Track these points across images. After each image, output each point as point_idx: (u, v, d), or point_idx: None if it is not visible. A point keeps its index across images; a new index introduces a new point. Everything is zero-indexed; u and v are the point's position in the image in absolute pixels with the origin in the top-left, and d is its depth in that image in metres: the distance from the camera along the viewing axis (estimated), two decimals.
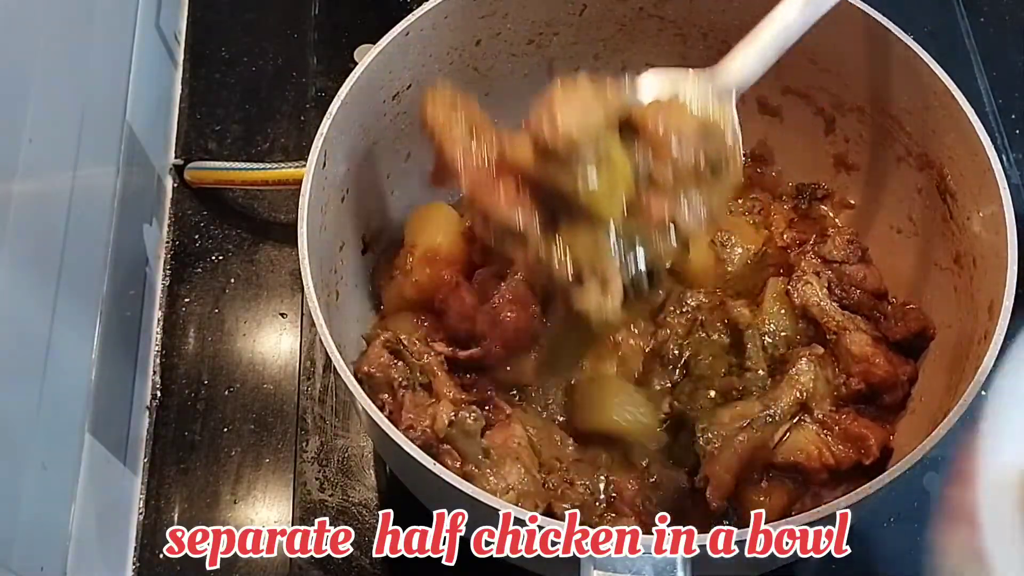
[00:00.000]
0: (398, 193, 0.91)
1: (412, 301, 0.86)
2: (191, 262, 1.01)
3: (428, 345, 0.82)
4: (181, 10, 1.15)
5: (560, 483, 0.78)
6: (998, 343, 0.67)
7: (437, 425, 0.74)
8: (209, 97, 1.11)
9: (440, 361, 0.81)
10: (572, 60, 0.93)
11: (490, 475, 0.74)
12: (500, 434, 0.78)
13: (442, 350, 0.82)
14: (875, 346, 0.81)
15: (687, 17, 0.90)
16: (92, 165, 0.86)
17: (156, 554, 0.87)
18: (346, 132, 0.79)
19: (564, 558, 0.62)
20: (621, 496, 0.78)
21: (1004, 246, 0.71)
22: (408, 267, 0.85)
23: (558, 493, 0.77)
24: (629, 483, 0.79)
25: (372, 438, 0.87)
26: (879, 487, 0.63)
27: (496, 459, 0.75)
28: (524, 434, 0.79)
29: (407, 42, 0.82)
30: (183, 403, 0.94)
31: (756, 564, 0.72)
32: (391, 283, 0.87)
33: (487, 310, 0.81)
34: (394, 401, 0.78)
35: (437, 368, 0.80)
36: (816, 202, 0.93)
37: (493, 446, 0.76)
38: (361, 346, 0.83)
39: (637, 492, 0.79)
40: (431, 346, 0.82)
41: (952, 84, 0.77)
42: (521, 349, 0.82)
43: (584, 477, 0.79)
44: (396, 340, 0.81)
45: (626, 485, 0.79)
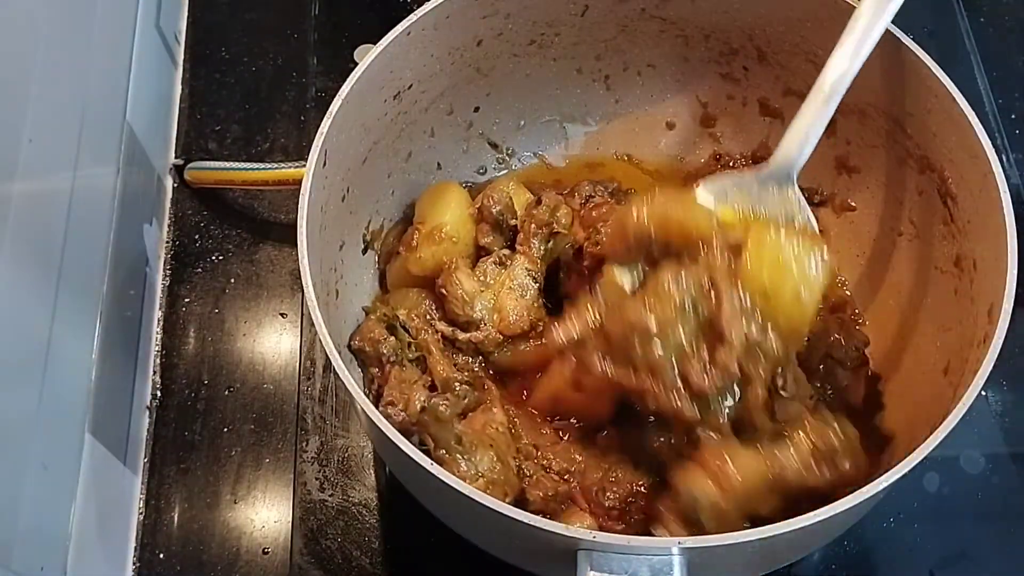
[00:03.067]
0: (398, 193, 0.91)
1: (415, 278, 0.87)
2: (191, 262, 1.01)
3: (428, 323, 0.83)
4: (181, 10, 1.15)
5: (536, 469, 0.78)
6: (998, 346, 0.67)
7: (410, 410, 0.75)
8: (209, 97, 1.10)
9: (436, 339, 0.82)
10: (574, 61, 0.93)
11: (461, 462, 0.74)
12: (480, 418, 0.79)
13: (443, 329, 0.83)
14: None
15: (689, 18, 0.90)
16: (92, 165, 0.86)
17: (156, 554, 0.87)
18: (346, 132, 0.79)
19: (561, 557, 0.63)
20: (581, 485, 0.79)
21: (1004, 249, 0.71)
22: (414, 243, 0.86)
23: (533, 480, 0.78)
24: (594, 474, 0.79)
25: (372, 439, 0.87)
26: (879, 488, 0.63)
27: (468, 446, 0.75)
28: (504, 419, 0.79)
29: (408, 42, 0.82)
30: (183, 403, 0.94)
31: (754, 564, 0.72)
32: (395, 259, 0.88)
33: (487, 297, 0.82)
34: (382, 375, 0.79)
35: (432, 345, 0.81)
36: (813, 207, 0.93)
37: (467, 432, 0.76)
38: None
39: (597, 483, 0.78)
40: (432, 324, 0.83)
41: (953, 86, 0.77)
42: (519, 336, 0.83)
43: (562, 461, 0.79)
44: (392, 315, 0.82)
45: (590, 475, 0.79)
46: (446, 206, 0.88)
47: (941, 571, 0.85)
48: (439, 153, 0.93)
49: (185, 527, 0.88)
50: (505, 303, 0.82)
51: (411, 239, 0.87)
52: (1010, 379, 0.93)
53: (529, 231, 0.87)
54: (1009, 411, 0.92)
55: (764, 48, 0.89)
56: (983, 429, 0.91)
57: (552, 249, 0.86)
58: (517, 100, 0.95)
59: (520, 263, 0.85)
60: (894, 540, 0.86)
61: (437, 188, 0.90)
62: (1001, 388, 0.92)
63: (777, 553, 0.72)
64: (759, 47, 0.90)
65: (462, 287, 0.82)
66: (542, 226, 0.87)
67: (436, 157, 0.93)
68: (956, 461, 0.88)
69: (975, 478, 0.88)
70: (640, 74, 0.96)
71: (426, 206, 0.89)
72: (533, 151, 0.99)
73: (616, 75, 0.96)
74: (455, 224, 0.87)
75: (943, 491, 0.87)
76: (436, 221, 0.87)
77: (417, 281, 0.87)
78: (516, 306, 0.82)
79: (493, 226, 0.87)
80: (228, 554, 0.87)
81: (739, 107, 0.96)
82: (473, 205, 0.89)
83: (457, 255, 0.86)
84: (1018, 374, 0.93)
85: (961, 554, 0.86)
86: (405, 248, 0.87)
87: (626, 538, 0.62)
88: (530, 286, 0.83)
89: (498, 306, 0.82)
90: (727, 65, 0.93)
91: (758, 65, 0.91)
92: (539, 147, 0.99)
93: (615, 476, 0.77)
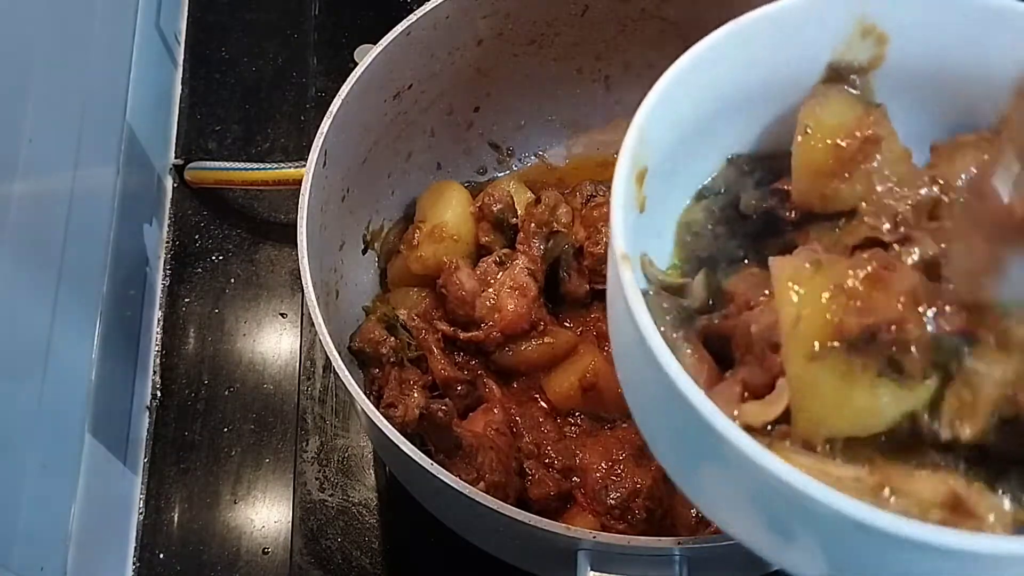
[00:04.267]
0: (398, 193, 0.91)
1: (416, 276, 0.87)
2: (191, 262, 1.01)
3: (429, 322, 0.83)
4: (181, 10, 1.15)
5: (538, 468, 0.78)
6: None
7: (408, 417, 0.75)
8: (209, 97, 1.11)
9: (437, 339, 0.82)
10: (574, 61, 0.93)
11: (461, 464, 0.74)
12: (480, 418, 0.79)
13: (443, 328, 0.83)
14: None
15: (689, 18, 0.90)
16: (92, 165, 0.86)
17: (156, 554, 0.87)
18: (346, 132, 0.79)
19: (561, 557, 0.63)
20: (583, 482, 0.78)
21: None
22: (415, 242, 0.86)
23: (535, 479, 0.78)
24: (595, 473, 0.79)
25: (372, 439, 0.87)
26: None
27: (468, 448, 0.75)
28: (505, 418, 0.79)
29: (408, 42, 0.82)
30: (183, 403, 0.94)
31: (755, 564, 0.72)
32: (396, 257, 0.88)
33: (487, 296, 0.82)
34: (383, 376, 0.79)
35: (433, 345, 0.81)
36: None
37: (466, 435, 0.76)
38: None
39: (600, 481, 0.78)
40: (432, 324, 0.83)
41: None
42: (520, 335, 0.83)
43: (565, 459, 0.79)
44: (392, 315, 0.82)
45: (591, 474, 0.79)
46: (447, 204, 0.88)
47: None
48: (439, 153, 0.93)
49: (185, 527, 0.88)
50: (506, 302, 0.82)
51: (412, 237, 0.87)
52: None
53: (529, 230, 0.87)
54: None
55: None
56: None
57: (552, 248, 0.87)
58: (517, 100, 0.95)
59: (521, 262, 0.85)
60: None
61: (438, 187, 0.90)
62: None
63: None
64: None
65: (463, 287, 0.82)
66: (542, 225, 0.87)
67: (436, 157, 0.93)
68: None
69: None
70: (640, 74, 0.95)
71: (427, 205, 0.89)
72: (533, 151, 0.99)
73: (616, 75, 0.95)
74: (456, 223, 0.87)
75: None
76: (437, 219, 0.87)
77: (418, 280, 0.87)
78: (517, 305, 0.82)
79: (494, 225, 0.88)
80: (228, 554, 0.87)
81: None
82: (474, 204, 0.89)
83: (458, 254, 0.86)
84: None
85: None
86: (406, 247, 0.87)
87: (627, 538, 0.62)
88: (531, 285, 0.83)
89: (499, 305, 0.82)
90: None
91: None
92: (539, 147, 0.99)
93: (618, 474, 0.77)
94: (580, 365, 0.82)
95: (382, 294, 0.89)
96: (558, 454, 0.80)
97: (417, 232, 0.87)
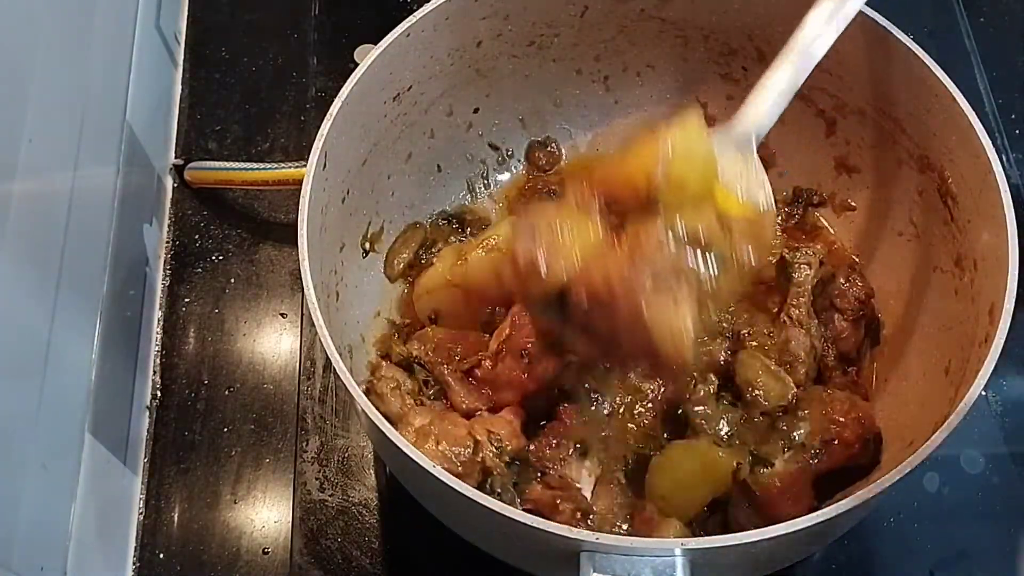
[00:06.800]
0: (398, 194, 0.91)
1: (451, 287, 0.85)
2: (191, 262, 1.01)
3: (445, 356, 0.82)
4: (181, 10, 1.15)
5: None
6: (999, 346, 0.67)
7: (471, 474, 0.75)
8: (209, 97, 1.10)
9: (454, 370, 0.81)
10: (573, 61, 0.93)
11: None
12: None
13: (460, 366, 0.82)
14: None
15: (688, 19, 0.90)
16: (92, 165, 0.86)
17: (156, 554, 0.87)
18: (346, 133, 0.79)
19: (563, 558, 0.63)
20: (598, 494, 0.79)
21: (1005, 249, 0.71)
22: (463, 253, 0.85)
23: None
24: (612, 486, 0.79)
25: (372, 440, 0.87)
26: (882, 488, 0.63)
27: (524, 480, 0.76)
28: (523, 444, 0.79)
29: (408, 43, 0.82)
30: (183, 403, 0.94)
31: (756, 565, 0.72)
32: (429, 268, 0.88)
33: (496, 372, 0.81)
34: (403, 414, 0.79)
35: (451, 378, 0.81)
36: (812, 208, 0.93)
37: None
38: (361, 347, 0.84)
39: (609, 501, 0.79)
40: (451, 356, 0.82)
41: (953, 86, 0.77)
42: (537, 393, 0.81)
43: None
44: (409, 356, 0.82)
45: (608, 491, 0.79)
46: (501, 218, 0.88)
47: (941, 571, 0.85)
48: (439, 154, 0.93)
49: (185, 527, 0.88)
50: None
51: (460, 249, 0.86)
52: (1011, 379, 0.93)
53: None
54: (1009, 411, 0.92)
55: (764, 48, 0.89)
56: (983, 429, 0.90)
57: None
58: (517, 101, 0.95)
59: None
60: (894, 540, 0.86)
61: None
62: (1002, 388, 0.92)
63: (779, 554, 0.72)
64: (759, 47, 0.90)
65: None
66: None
67: (436, 158, 0.93)
68: (956, 461, 0.88)
69: (975, 478, 0.88)
70: (639, 75, 0.96)
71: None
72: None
73: (615, 76, 0.96)
74: (507, 236, 0.85)
75: (943, 491, 0.87)
76: (489, 232, 0.86)
77: (452, 292, 0.86)
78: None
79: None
80: (228, 554, 0.87)
81: (739, 107, 0.95)
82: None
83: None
84: (1019, 374, 0.93)
85: (961, 554, 0.86)
86: (452, 256, 0.86)
87: (629, 539, 0.62)
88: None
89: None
90: (726, 65, 0.93)
91: (758, 65, 0.91)
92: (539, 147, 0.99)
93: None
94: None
95: (390, 333, 0.88)
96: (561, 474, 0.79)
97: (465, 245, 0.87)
